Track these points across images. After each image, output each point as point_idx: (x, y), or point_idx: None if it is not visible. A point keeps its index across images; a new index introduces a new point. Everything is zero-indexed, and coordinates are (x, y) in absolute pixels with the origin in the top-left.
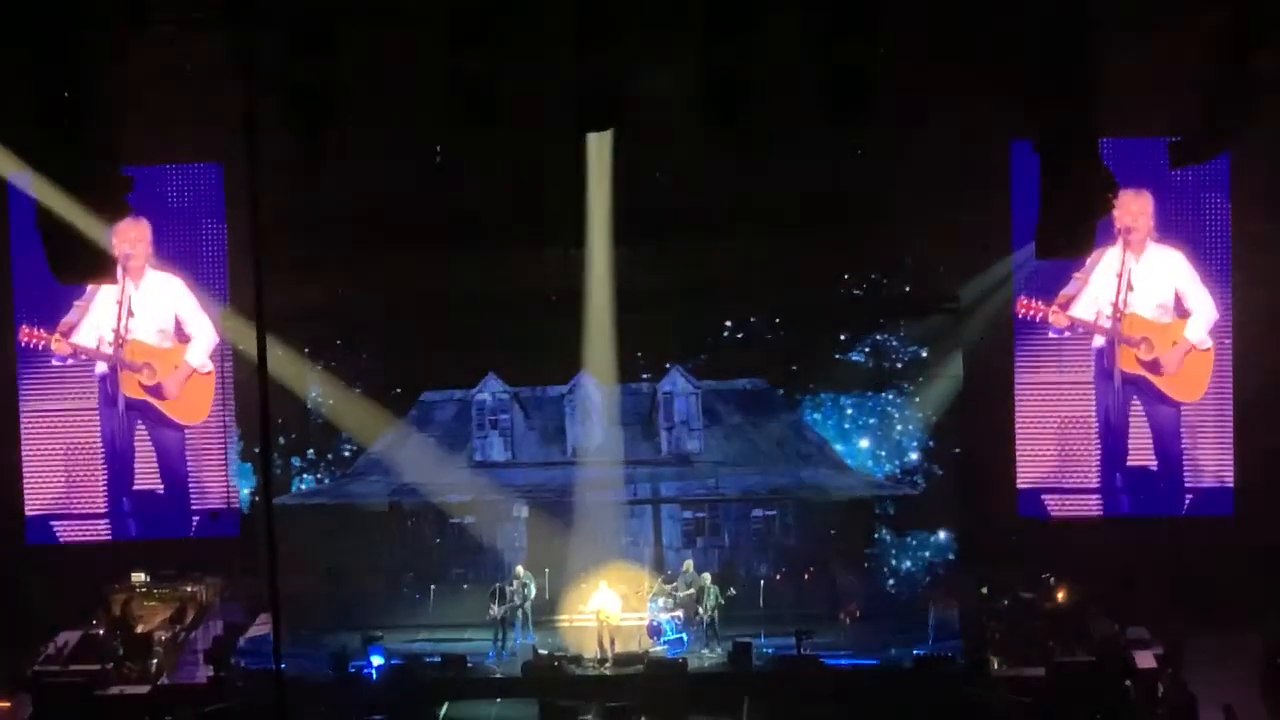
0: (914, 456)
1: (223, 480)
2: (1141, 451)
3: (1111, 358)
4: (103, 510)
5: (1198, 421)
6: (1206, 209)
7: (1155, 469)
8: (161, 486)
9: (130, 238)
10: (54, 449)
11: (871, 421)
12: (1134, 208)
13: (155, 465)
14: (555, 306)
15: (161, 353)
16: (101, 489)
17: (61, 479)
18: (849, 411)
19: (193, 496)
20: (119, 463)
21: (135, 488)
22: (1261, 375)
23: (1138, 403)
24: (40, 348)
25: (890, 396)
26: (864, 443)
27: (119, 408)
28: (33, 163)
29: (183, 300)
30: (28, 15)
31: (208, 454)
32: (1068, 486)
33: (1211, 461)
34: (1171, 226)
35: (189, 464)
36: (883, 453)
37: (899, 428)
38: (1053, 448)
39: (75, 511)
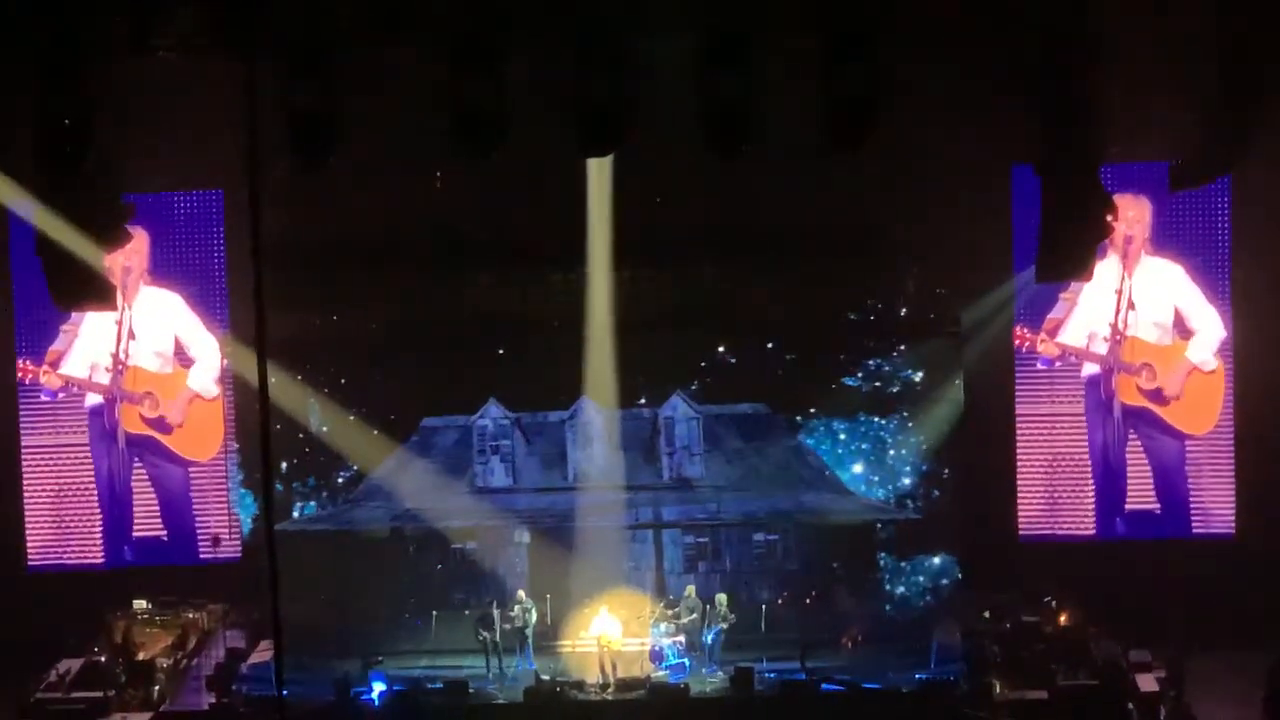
0: (915, 481)
1: (223, 506)
2: (1142, 493)
3: (1108, 388)
4: (100, 561)
5: (1202, 457)
6: (1204, 219)
7: (1159, 513)
8: (165, 532)
9: (127, 249)
10: (44, 491)
11: (872, 446)
12: (1131, 214)
13: (156, 508)
14: (556, 331)
15: (163, 379)
16: (98, 537)
17: (53, 525)
18: (849, 436)
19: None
20: (117, 507)
21: (136, 534)
22: (1265, 403)
23: (1135, 437)
24: (29, 382)
25: (891, 421)
26: (864, 468)
27: (118, 444)
28: (33, 190)
29: (183, 319)
30: (29, 42)
31: (214, 491)
32: (1061, 534)
33: (1221, 504)
34: (1168, 237)
35: (194, 505)
36: (883, 477)
37: (900, 452)
38: (1045, 490)
39: (69, 562)
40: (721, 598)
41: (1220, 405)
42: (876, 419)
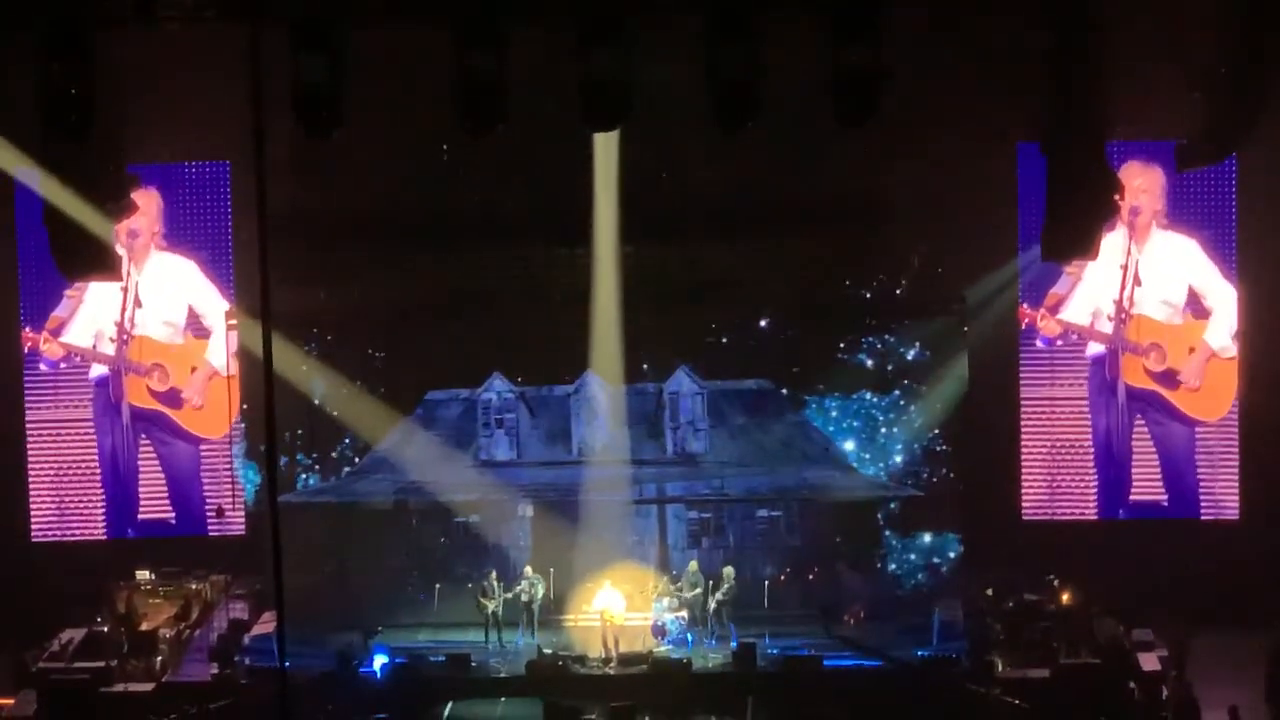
0: (918, 458)
1: (229, 480)
2: (1148, 482)
3: (1114, 369)
4: (103, 538)
5: (1212, 442)
6: (1213, 194)
7: (1165, 504)
8: (172, 514)
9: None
10: (46, 467)
11: (876, 423)
12: (1139, 183)
13: (162, 487)
14: (561, 306)
15: (174, 351)
16: (100, 518)
17: (55, 503)
18: (854, 412)
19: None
20: (121, 487)
21: (141, 516)
22: (1273, 385)
23: (1141, 423)
24: (29, 350)
25: (896, 398)
26: (867, 444)
27: (123, 419)
28: (39, 159)
29: (198, 288)
30: (36, 12)
31: (222, 467)
32: (1063, 520)
33: (1227, 489)
34: (1180, 209)
35: (204, 485)
36: (887, 454)
37: (904, 429)
38: (1046, 476)
39: (71, 539)
40: (729, 571)
41: (1234, 390)
42: (881, 396)
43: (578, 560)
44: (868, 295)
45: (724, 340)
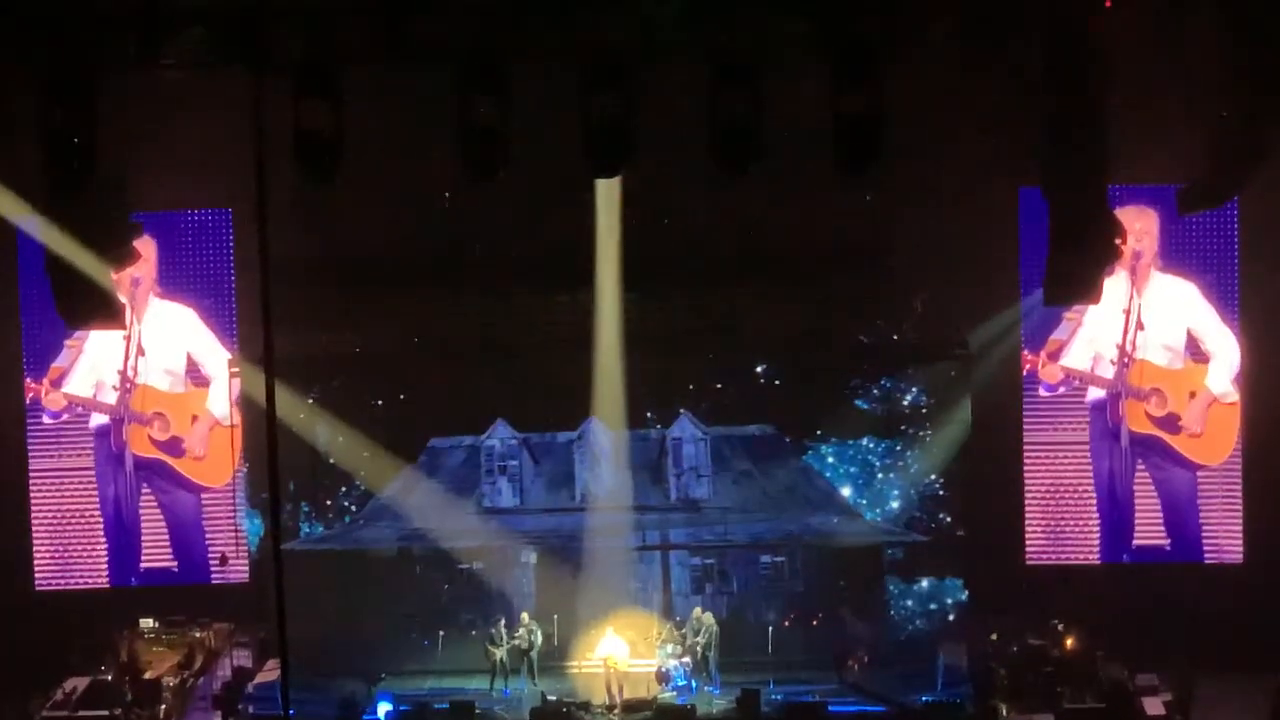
0: (922, 503)
1: (232, 528)
2: (1150, 528)
3: (1115, 415)
4: (106, 586)
5: (1213, 486)
6: (1213, 236)
7: (1168, 549)
8: (174, 563)
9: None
10: (49, 517)
11: (879, 468)
12: (1138, 227)
13: (164, 536)
14: (564, 352)
15: (175, 400)
16: (104, 568)
17: (58, 552)
18: (856, 458)
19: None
20: (124, 536)
21: (144, 565)
22: (1276, 427)
23: (1143, 468)
24: (30, 401)
25: (899, 443)
26: (870, 489)
27: (125, 468)
28: (41, 207)
29: (197, 336)
30: (38, 57)
31: (224, 515)
32: (1066, 564)
33: (1230, 533)
34: (1178, 252)
35: (206, 534)
36: (890, 499)
37: (907, 474)
38: (1050, 521)
39: (75, 588)
40: (708, 616)
41: (1235, 434)
42: (884, 441)
43: (581, 607)
44: (870, 340)
45: (726, 386)
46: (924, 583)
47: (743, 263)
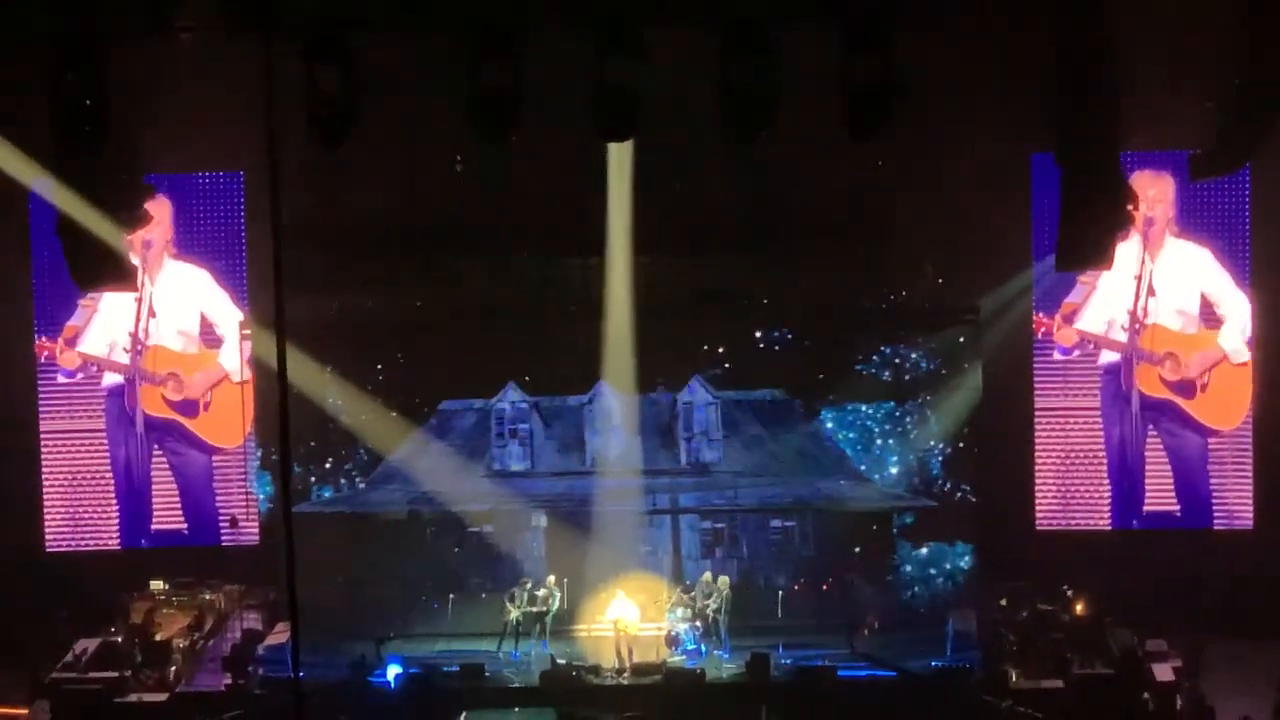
0: (933, 468)
1: (243, 491)
2: (1161, 493)
3: (1128, 379)
4: (116, 548)
5: (1224, 452)
6: (1227, 201)
7: (1178, 515)
8: (185, 525)
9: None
10: (60, 478)
11: (890, 433)
12: (1152, 193)
13: (175, 497)
14: (575, 316)
15: (188, 360)
16: (114, 529)
17: (69, 514)
18: (868, 423)
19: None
20: (135, 498)
21: (155, 527)
22: None
23: (1154, 434)
24: (45, 360)
25: (909, 408)
26: (882, 454)
27: (136, 428)
28: (53, 169)
29: (210, 296)
30: (50, 22)
31: (235, 477)
32: (1077, 530)
33: (1241, 499)
34: (1192, 218)
35: (217, 496)
36: (901, 464)
37: (918, 439)
38: (1060, 486)
39: (85, 549)
40: (722, 579)
41: (1249, 398)
42: (895, 406)
43: (591, 570)
44: (882, 305)
45: (737, 350)
46: (934, 548)
47: (755, 228)
